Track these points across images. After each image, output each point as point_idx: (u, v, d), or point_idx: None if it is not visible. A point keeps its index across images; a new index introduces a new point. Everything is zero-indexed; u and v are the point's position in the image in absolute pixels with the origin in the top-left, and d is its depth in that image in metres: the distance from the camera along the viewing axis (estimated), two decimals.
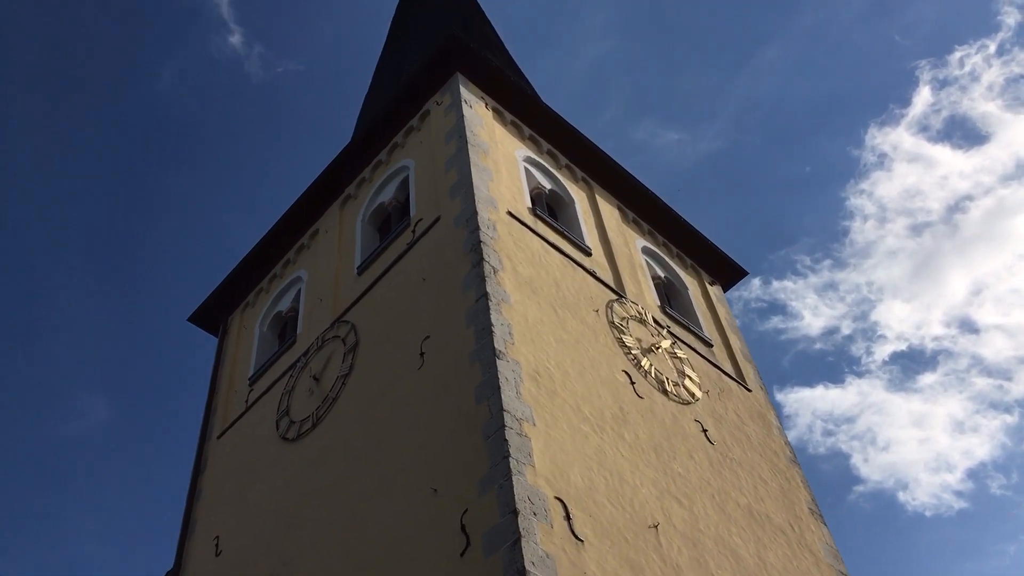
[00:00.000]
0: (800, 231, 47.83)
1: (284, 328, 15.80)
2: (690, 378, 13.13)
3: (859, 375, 42.75)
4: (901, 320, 42.90)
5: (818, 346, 42.24)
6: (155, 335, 40.96)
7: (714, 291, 17.20)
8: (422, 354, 10.88)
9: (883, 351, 42.73)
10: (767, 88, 49.27)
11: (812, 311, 43.48)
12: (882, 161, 45.44)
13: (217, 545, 12.28)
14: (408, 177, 14.74)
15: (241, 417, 14.32)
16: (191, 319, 17.61)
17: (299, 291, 15.66)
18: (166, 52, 47.11)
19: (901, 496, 39.80)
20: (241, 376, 15.38)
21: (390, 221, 14.74)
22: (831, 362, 44.17)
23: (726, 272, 18.07)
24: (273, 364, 14.64)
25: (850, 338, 43.66)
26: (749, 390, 14.59)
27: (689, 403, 12.53)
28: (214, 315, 17.46)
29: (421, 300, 11.78)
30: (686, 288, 16.34)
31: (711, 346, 14.99)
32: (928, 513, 39.59)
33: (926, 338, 42.79)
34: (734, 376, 14.61)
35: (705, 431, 12.19)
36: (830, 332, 43.12)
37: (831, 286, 45.07)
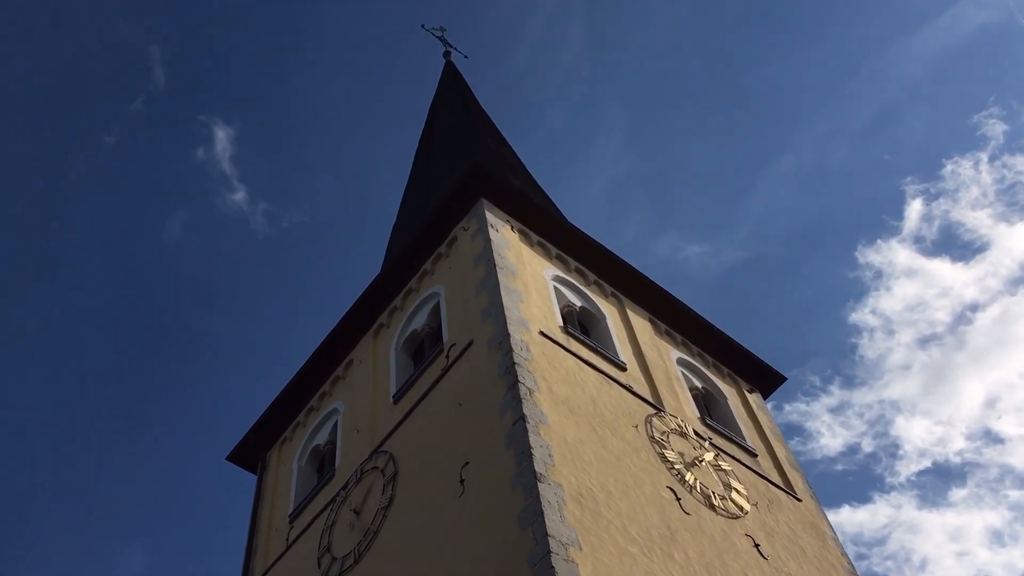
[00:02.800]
0: (807, 352, 47.43)
1: (323, 461, 15.70)
2: (737, 491, 12.81)
3: (886, 493, 41.44)
4: (922, 436, 41.84)
5: (839, 467, 41.10)
6: (192, 477, 40.89)
7: (753, 399, 16.95)
8: (462, 481, 10.73)
9: (908, 468, 41.56)
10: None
11: (829, 431, 42.53)
12: (880, 277, 45.39)
13: None
14: (439, 303, 14.88)
15: (283, 556, 14.09)
16: (229, 458, 17.57)
17: (336, 423, 15.64)
18: (190, 213, 48.64)
19: None
20: (281, 513, 15.22)
21: (423, 348, 14.80)
22: (854, 482, 42.90)
23: (764, 379, 17.84)
24: (313, 499, 14.48)
25: (872, 456, 42.56)
26: (799, 500, 14.17)
27: (738, 517, 12.18)
28: (252, 452, 17.41)
29: (458, 426, 11.71)
30: (725, 398, 16.11)
31: (756, 456, 14.66)
32: None
33: (950, 452, 41.61)
34: (782, 486, 14.22)
35: (757, 546, 11.80)
36: (851, 451, 42.01)
37: (847, 405, 44.22)
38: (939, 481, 41.85)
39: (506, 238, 14.94)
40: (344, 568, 12.03)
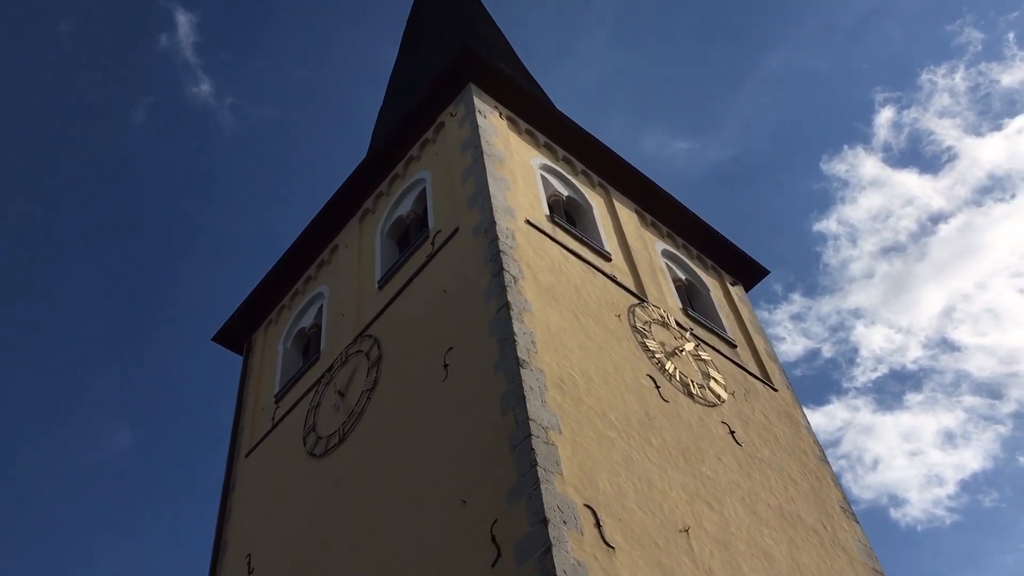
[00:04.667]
0: (773, 259, 47.50)
1: (308, 344, 15.87)
2: (715, 380, 13.08)
3: (843, 397, 42.35)
4: (881, 344, 42.51)
5: (798, 371, 41.83)
6: (179, 357, 41.24)
7: (736, 291, 17.12)
8: (446, 366, 10.90)
9: (865, 374, 42.35)
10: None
11: (790, 337, 43.12)
12: (847, 187, 45.24)
13: (249, 563, 12.34)
14: (425, 190, 14.80)
15: (268, 435, 14.39)
16: (215, 339, 17.72)
17: (321, 307, 15.74)
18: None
19: (893, 513, 39.24)
20: (267, 394, 15.47)
21: (409, 234, 14.79)
22: (811, 387, 43.70)
23: (747, 272, 17.98)
24: (298, 381, 14.71)
25: (832, 362, 43.27)
26: (775, 390, 14.50)
27: (715, 405, 12.47)
28: (238, 334, 17.56)
29: (443, 312, 11.81)
30: (708, 290, 16.28)
31: (735, 347, 14.92)
32: (920, 528, 39.06)
33: (907, 360, 42.38)
34: (760, 376, 14.53)
35: (733, 433, 12.13)
36: (811, 357, 42.66)
37: (808, 312, 44.69)
38: (895, 386, 42.87)
39: (494, 124, 14.75)
40: (329, 447, 12.31)
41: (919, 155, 45.92)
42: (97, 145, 43.68)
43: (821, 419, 41.95)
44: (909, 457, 41.32)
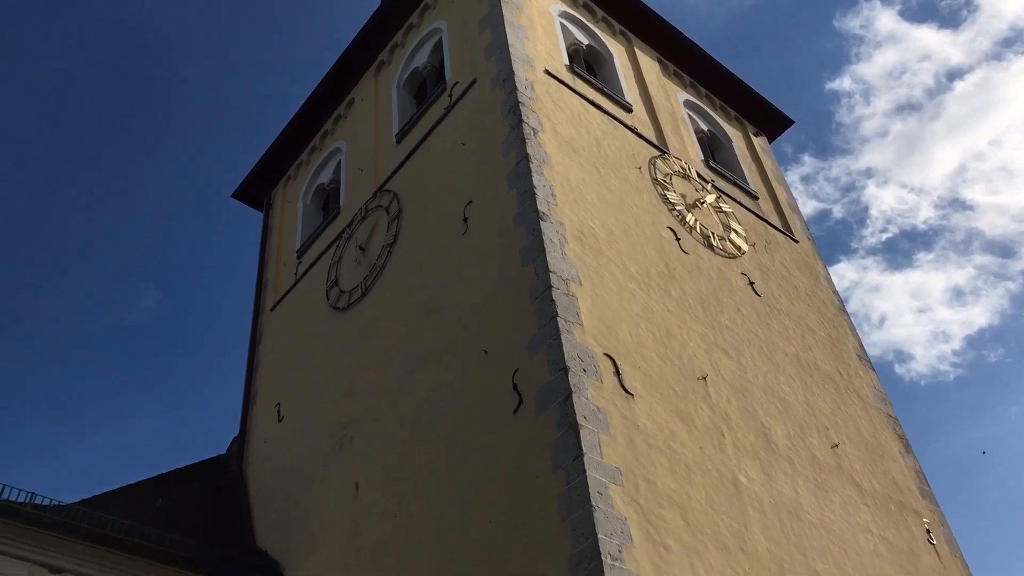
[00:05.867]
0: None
1: (327, 200, 15.88)
2: (736, 232, 13.03)
3: (852, 259, 41.90)
4: (892, 204, 41.69)
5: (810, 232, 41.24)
6: (200, 216, 41.39)
7: (759, 142, 16.83)
8: (465, 219, 10.89)
9: (875, 235, 41.76)
10: None
11: (800, 198, 42.31)
12: (863, 42, 43.26)
13: (279, 411, 12.77)
14: (441, 40, 14.39)
15: (292, 289, 14.61)
16: (235, 195, 17.74)
17: (339, 162, 15.64)
18: None
19: (898, 369, 39.41)
20: (289, 249, 15.60)
21: (426, 87, 14.50)
22: (821, 248, 43.12)
23: (771, 123, 17.62)
24: (319, 236, 14.79)
25: (842, 222, 42.51)
26: (796, 241, 14.46)
27: (735, 256, 12.48)
28: (257, 191, 17.56)
29: (462, 165, 11.71)
30: (730, 141, 16.00)
31: (757, 199, 14.79)
32: (924, 383, 39.41)
33: (919, 220, 41.60)
34: (780, 228, 14.46)
35: (752, 283, 12.18)
36: (821, 218, 41.91)
37: (819, 173, 43.71)
38: (906, 244, 42.45)
39: None
40: (352, 301, 12.50)
41: (937, 9, 43.97)
42: (101, 9, 42.53)
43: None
44: (916, 314, 41.41)
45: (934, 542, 10.60)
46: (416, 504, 9.14)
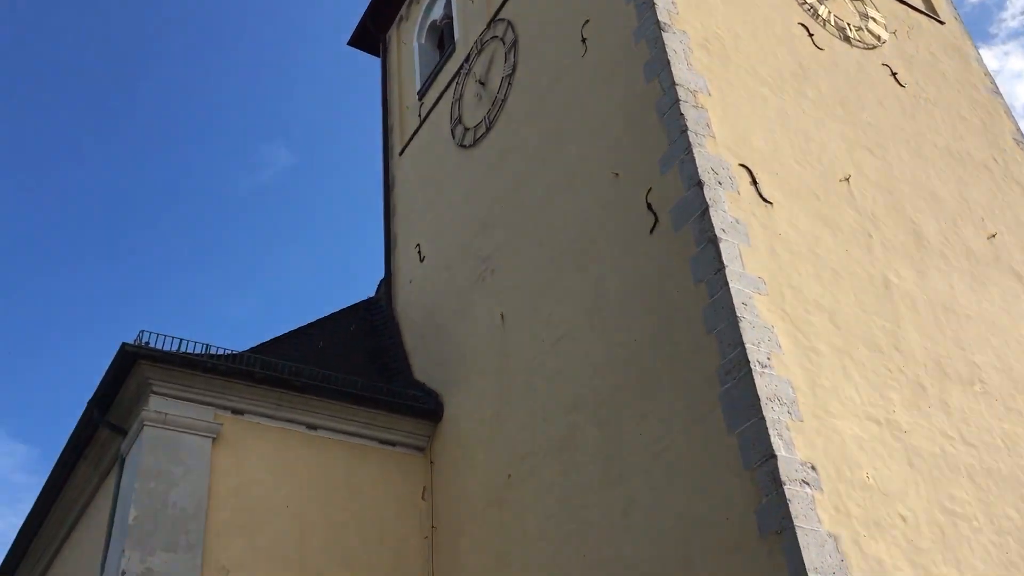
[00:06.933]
0: None
1: (441, 37, 15.64)
2: (874, 19, 12.14)
3: (991, 44, 37.78)
4: None
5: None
6: (322, 68, 41.74)
7: None
8: (584, 40, 10.55)
9: (1016, 17, 37.39)
10: None
11: None
12: None
13: (419, 252, 13.14)
14: None
15: (417, 132, 14.68)
16: (351, 43, 17.70)
17: None
18: None
19: None
20: (410, 92, 15.58)
21: None
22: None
23: None
24: (438, 75, 14.67)
25: (980, 7, 38.31)
26: (942, 23, 13.37)
27: (875, 47, 11.67)
28: (372, 36, 17.45)
29: None
30: None
31: None
32: None
33: None
34: (923, 10, 13.36)
35: (895, 74, 11.42)
36: (956, 2, 37.87)
37: None
38: None
39: None
40: (477, 137, 12.49)
41: None
42: None
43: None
44: None
45: None
46: (562, 328, 9.35)
